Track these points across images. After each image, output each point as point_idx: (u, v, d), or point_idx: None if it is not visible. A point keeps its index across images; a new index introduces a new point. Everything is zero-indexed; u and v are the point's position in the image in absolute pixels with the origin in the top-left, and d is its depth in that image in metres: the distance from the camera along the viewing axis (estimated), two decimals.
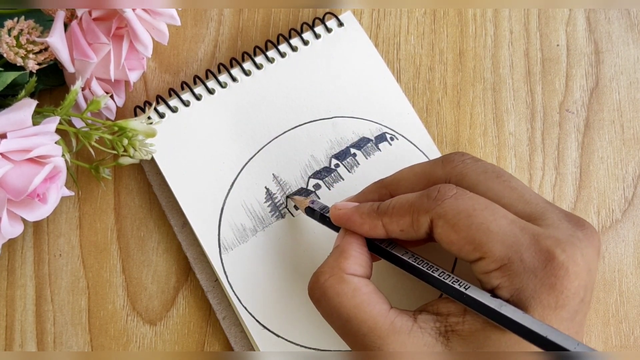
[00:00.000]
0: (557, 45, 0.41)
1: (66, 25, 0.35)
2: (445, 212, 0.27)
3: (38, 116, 0.34)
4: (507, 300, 0.26)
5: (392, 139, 0.39)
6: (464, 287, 0.27)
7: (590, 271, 0.27)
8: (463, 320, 0.27)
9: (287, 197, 0.37)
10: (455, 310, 0.28)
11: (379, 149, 0.38)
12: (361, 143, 0.38)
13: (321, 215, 0.33)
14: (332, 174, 0.37)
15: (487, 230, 0.27)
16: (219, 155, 0.37)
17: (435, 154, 0.38)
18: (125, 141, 0.34)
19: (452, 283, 0.28)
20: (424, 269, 0.29)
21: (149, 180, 0.38)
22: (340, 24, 0.40)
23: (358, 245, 0.31)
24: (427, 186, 0.30)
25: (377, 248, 0.31)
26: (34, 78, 0.35)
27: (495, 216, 0.27)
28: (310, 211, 0.34)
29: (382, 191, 0.32)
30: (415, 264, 0.29)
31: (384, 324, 0.27)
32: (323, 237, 0.36)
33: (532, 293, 0.26)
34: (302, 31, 0.40)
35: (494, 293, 0.27)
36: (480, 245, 0.27)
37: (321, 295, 0.29)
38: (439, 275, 0.28)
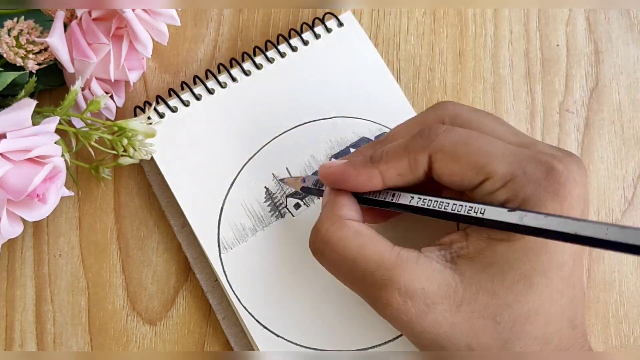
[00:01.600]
0: (557, 45, 0.41)
1: (66, 26, 0.35)
2: (442, 145, 0.28)
3: (38, 116, 0.34)
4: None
5: None
6: (481, 212, 0.27)
7: (585, 185, 0.27)
8: (467, 244, 0.28)
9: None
10: (457, 237, 0.28)
11: None
12: (361, 143, 0.38)
13: (317, 190, 0.33)
14: None
15: (487, 153, 0.27)
16: (218, 155, 0.37)
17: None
18: (125, 141, 0.34)
19: (467, 212, 0.27)
20: (437, 208, 0.28)
21: (148, 181, 0.38)
22: (340, 24, 0.40)
23: (347, 195, 0.31)
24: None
25: (381, 202, 0.30)
26: (34, 78, 0.35)
27: (489, 141, 0.28)
28: (306, 190, 0.34)
29: (377, 146, 0.32)
30: (426, 206, 0.29)
31: (390, 257, 0.27)
32: None
33: (537, 201, 0.26)
34: (301, 31, 0.40)
35: (507, 207, 0.26)
36: (483, 168, 0.27)
37: (324, 245, 0.29)
38: (452, 209, 0.28)
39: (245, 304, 0.35)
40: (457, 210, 0.27)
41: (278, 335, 0.35)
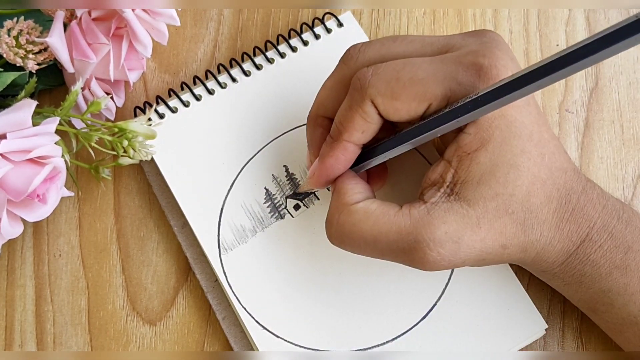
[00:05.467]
0: (557, 45, 0.41)
1: (66, 26, 0.35)
2: (376, 89, 0.29)
3: (38, 117, 0.34)
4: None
5: None
6: (462, 102, 0.27)
7: (512, 59, 0.30)
8: (456, 171, 0.29)
9: (287, 197, 0.37)
10: (442, 168, 0.30)
11: None
12: None
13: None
14: None
15: (419, 80, 0.29)
16: (218, 156, 0.37)
17: (434, 155, 0.38)
18: (125, 142, 0.34)
19: (449, 110, 0.28)
20: (419, 125, 0.29)
21: (148, 181, 0.38)
22: (340, 25, 0.40)
23: (347, 177, 0.32)
24: (347, 89, 0.31)
25: (370, 154, 0.31)
26: (34, 78, 0.35)
27: (416, 66, 0.29)
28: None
29: (319, 121, 0.34)
30: (407, 131, 0.30)
31: (405, 221, 0.29)
32: (323, 237, 0.36)
33: None
34: (301, 32, 0.40)
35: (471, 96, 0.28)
36: (422, 95, 0.29)
37: (341, 234, 0.31)
38: (435, 118, 0.28)
39: (245, 305, 0.35)
40: (439, 115, 0.28)
41: (278, 336, 0.35)
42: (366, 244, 0.30)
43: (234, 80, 0.39)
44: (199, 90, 0.39)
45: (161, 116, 0.38)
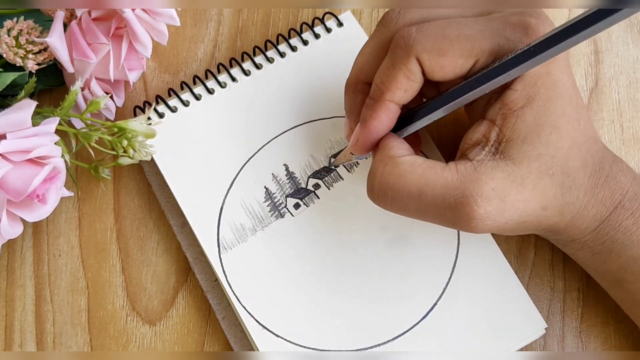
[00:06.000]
0: None
1: (65, 26, 0.35)
2: (422, 45, 0.29)
3: (38, 117, 0.34)
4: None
5: None
6: (513, 54, 0.27)
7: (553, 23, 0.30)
8: (500, 130, 0.29)
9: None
10: (485, 128, 0.30)
11: None
12: None
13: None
14: (332, 174, 0.37)
15: (467, 37, 0.29)
16: (218, 155, 0.37)
17: (435, 154, 0.38)
18: (125, 142, 0.34)
19: (501, 63, 0.28)
20: (470, 81, 0.29)
21: (148, 180, 0.38)
22: (340, 24, 0.40)
23: (391, 137, 0.32)
24: (387, 52, 0.30)
25: (415, 117, 0.31)
26: (34, 78, 0.35)
27: (462, 24, 0.29)
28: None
29: (359, 87, 0.33)
30: (456, 88, 0.29)
31: (452, 176, 0.29)
32: (323, 237, 0.36)
33: None
34: (301, 31, 0.40)
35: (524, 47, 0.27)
36: (470, 51, 0.28)
37: (385, 187, 0.30)
38: (486, 72, 0.28)
39: (245, 304, 0.35)
40: (491, 69, 0.28)
41: (278, 336, 0.35)
42: (410, 198, 0.29)
43: (234, 79, 0.39)
44: (198, 89, 0.39)
45: (161, 115, 0.38)
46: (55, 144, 0.33)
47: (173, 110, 0.38)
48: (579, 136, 0.30)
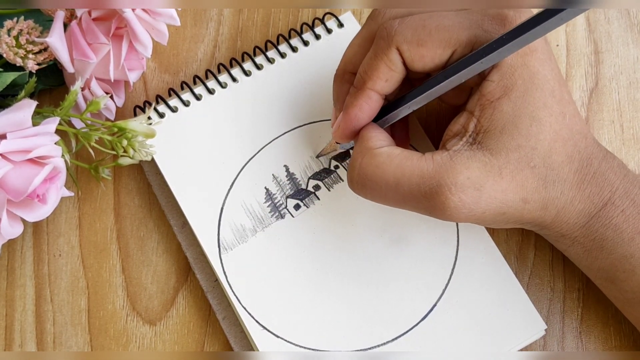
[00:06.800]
0: (557, 45, 0.41)
1: (66, 26, 0.35)
2: (403, 36, 0.30)
3: (38, 116, 0.34)
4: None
5: None
6: (488, 43, 0.28)
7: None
8: (478, 121, 0.30)
9: (287, 197, 0.37)
10: (464, 119, 0.30)
11: None
12: None
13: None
14: (332, 175, 0.37)
15: (446, 27, 0.29)
16: (218, 156, 0.37)
17: (427, 145, 0.38)
18: (125, 142, 0.34)
19: (476, 51, 0.28)
20: (446, 70, 0.29)
21: (148, 180, 0.38)
22: (341, 25, 0.40)
23: (371, 127, 0.32)
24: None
25: (395, 107, 0.32)
26: (34, 78, 0.35)
27: (442, 16, 0.30)
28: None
29: (346, 77, 0.34)
30: (434, 77, 0.30)
31: (428, 166, 0.29)
32: (323, 237, 0.36)
33: None
34: (302, 32, 0.40)
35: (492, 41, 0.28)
36: (448, 41, 0.29)
37: (363, 177, 0.31)
38: (461, 60, 0.29)
39: (245, 305, 0.35)
40: (467, 61, 0.29)
41: (278, 336, 0.35)
42: (388, 187, 0.30)
43: (234, 79, 0.39)
44: (199, 89, 0.39)
45: (161, 115, 0.38)
46: (55, 143, 0.33)
47: (173, 110, 0.38)
48: (563, 130, 0.30)
